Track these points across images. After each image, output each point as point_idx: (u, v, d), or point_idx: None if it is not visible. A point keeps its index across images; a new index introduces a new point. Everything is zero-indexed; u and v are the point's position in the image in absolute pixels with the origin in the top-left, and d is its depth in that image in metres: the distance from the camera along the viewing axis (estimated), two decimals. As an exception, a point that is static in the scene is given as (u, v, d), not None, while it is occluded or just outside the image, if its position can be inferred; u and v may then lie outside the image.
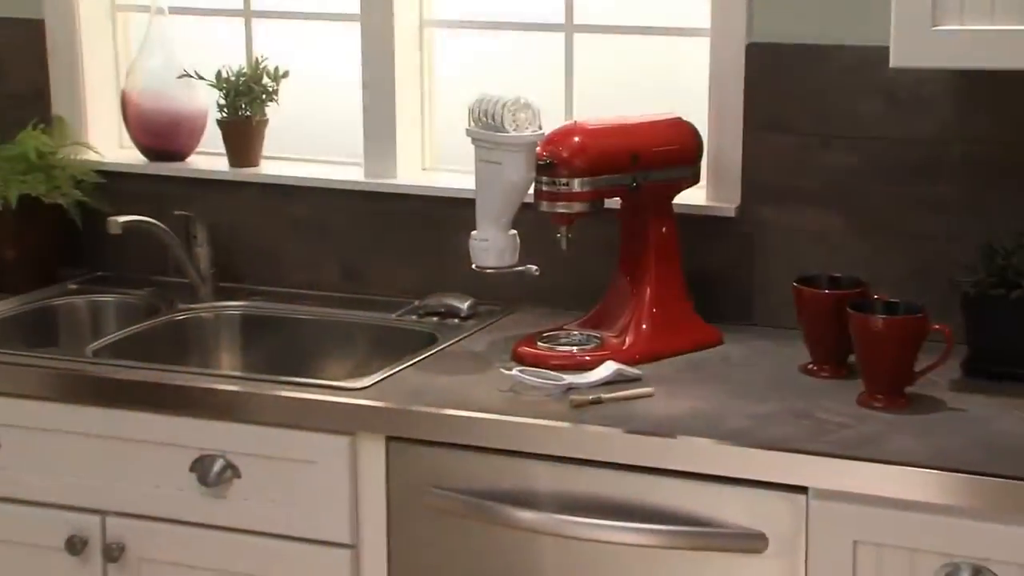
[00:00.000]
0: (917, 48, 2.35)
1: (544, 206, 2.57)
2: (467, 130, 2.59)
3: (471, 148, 2.63)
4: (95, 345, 2.79)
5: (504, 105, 2.51)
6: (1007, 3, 2.29)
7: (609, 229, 2.71)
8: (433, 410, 2.38)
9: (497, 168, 2.54)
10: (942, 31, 2.32)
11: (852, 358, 2.46)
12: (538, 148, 2.54)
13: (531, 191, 2.60)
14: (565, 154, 2.52)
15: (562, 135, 2.56)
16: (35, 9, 3.22)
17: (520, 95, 2.55)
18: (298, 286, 3.10)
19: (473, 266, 2.64)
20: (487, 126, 2.55)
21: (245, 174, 3.12)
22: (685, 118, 2.70)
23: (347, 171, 3.09)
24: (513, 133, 2.52)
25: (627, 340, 2.60)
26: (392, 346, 2.73)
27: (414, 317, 2.88)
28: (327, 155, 3.16)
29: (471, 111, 2.58)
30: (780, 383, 2.48)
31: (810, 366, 2.53)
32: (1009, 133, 2.62)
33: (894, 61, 2.36)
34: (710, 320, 2.72)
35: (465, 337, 2.75)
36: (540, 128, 2.56)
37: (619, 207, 2.67)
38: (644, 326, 2.61)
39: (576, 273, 2.83)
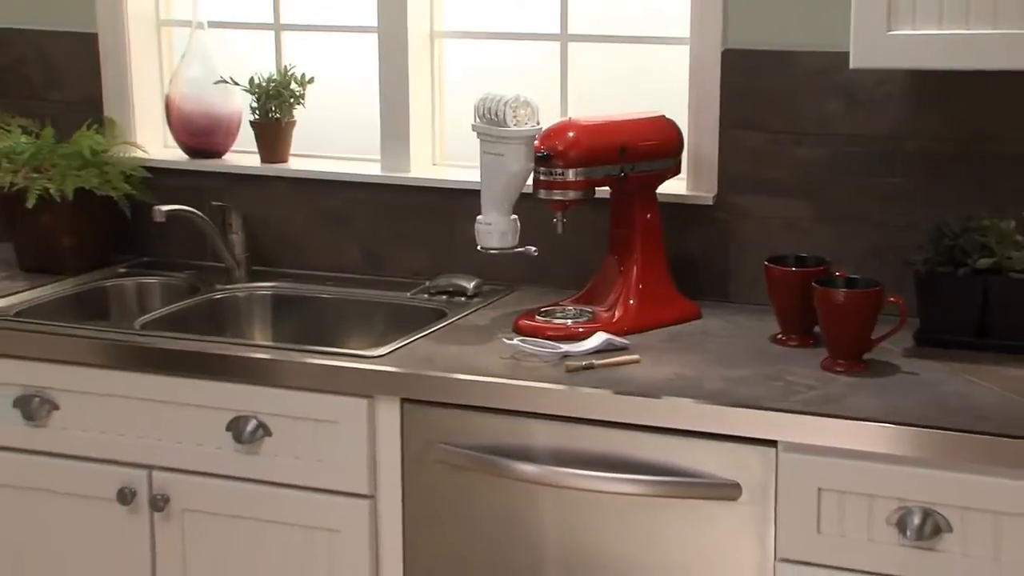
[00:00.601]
0: (874, 51, 2.36)
1: (542, 194, 2.57)
2: (473, 126, 2.60)
3: (476, 145, 2.65)
4: (142, 320, 2.80)
5: (506, 103, 2.53)
6: (954, 11, 2.30)
7: (600, 215, 2.72)
8: (442, 375, 2.40)
9: (500, 159, 2.56)
10: (896, 35, 2.33)
11: (817, 329, 2.47)
12: (536, 142, 2.54)
13: (530, 181, 2.60)
14: (560, 147, 2.52)
15: (558, 130, 2.56)
16: (89, 24, 3.22)
17: (520, 94, 2.56)
18: (322, 269, 3.11)
19: (479, 247, 2.66)
20: (491, 122, 2.56)
21: (275, 169, 3.13)
22: (668, 116, 2.70)
23: (366, 166, 3.09)
24: (514, 128, 2.54)
25: (616, 314, 2.61)
26: (406, 321, 2.74)
27: (425, 296, 2.88)
28: (348, 152, 3.16)
29: (476, 108, 2.59)
30: (753, 351, 2.49)
31: (779, 336, 2.55)
32: (957, 130, 2.63)
33: (854, 63, 2.38)
34: (690, 297, 2.73)
35: (471, 313, 2.76)
36: (538, 123, 2.57)
37: (609, 195, 2.67)
38: (631, 301, 2.62)
39: (570, 255, 2.84)
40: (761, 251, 2.62)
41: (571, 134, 2.55)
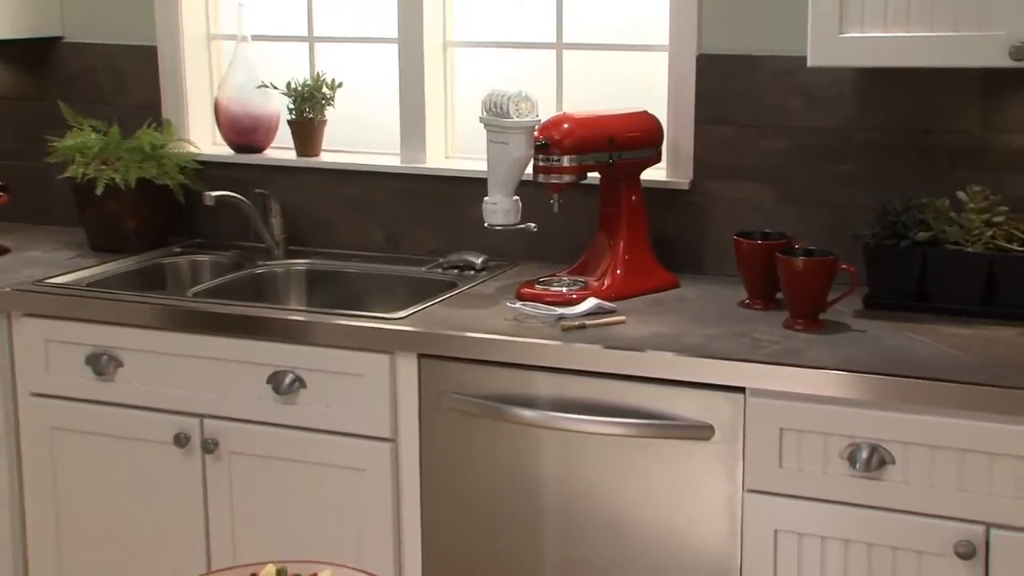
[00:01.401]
0: (828, 51, 2.38)
1: (540, 178, 2.57)
2: (480, 118, 2.61)
3: (483, 139, 2.65)
4: (194, 289, 2.82)
5: (509, 97, 2.54)
6: (897, 16, 2.32)
7: (590, 199, 2.72)
8: (454, 333, 2.41)
9: (504, 147, 2.57)
10: (847, 37, 2.35)
11: (779, 295, 2.48)
12: (536, 132, 2.55)
13: (530, 168, 2.61)
14: (557, 137, 2.53)
15: (554, 122, 2.57)
16: (150, 38, 3.23)
17: (522, 89, 2.57)
18: (349, 248, 3.11)
19: (486, 224, 2.66)
20: (496, 114, 2.57)
21: (309, 162, 3.13)
22: (650, 112, 2.71)
23: (387, 159, 3.09)
24: (516, 119, 2.55)
25: (605, 282, 2.61)
26: (422, 291, 2.73)
27: (439, 270, 2.89)
28: (372, 147, 3.16)
29: (484, 103, 2.60)
30: (724, 314, 2.50)
31: (746, 301, 2.55)
32: (899, 123, 2.64)
33: (811, 61, 2.40)
34: (669, 269, 2.72)
35: (479, 284, 2.76)
36: (537, 116, 2.58)
37: (599, 181, 2.67)
38: (618, 272, 2.62)
39: (565, 234, 2.84)
40: (731, 229, 2.61)
41: (566, 125, 2.55)
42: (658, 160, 2.72)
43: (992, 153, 2.58)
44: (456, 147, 3.11)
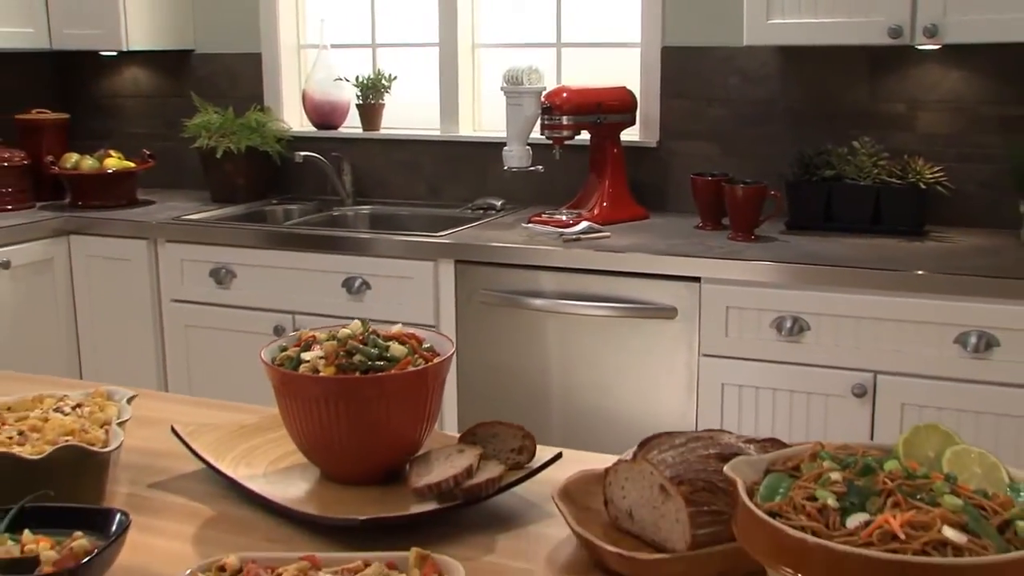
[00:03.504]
0: (758, 33, 2.34)
1: (546, 133, 2.53)
2: (501, 87, 2.54)
3: (502, 117, 2.58)
4: (287, 223, 2.79)
5: (522, 70, 2.48)
6: (807, 5, 2.27)
7: (582, 155, 2.67)
8: (483, 243, 2.37)
9: (519, 107, 2.51)
10: (773, 23, 2.31)
11: (725, 220, 2.43)
12: (542, 98, 2.51)
13: (537, 129, 2.55)
14: (558, 102, 2.50)
15: (556, 92, 2.53)
16: (255, 48, 3.18)
17: (532, 64, 2.51)
18: (401, 198, 3.06)
19: (505, 168, 2.59)
20: (513, 83, 2.51)
21: (371, 134, 3.07)
22: (628, 87, 2.65)
23: (430, 132, 3.04)
24: (528, 86, 2.49)
25: (595, 211, 2.55)
26: (457, 224, 2.66)
27: (469, 211, 2.84)
28: (418, 124, 3.10)
29: (504, 75, 2.53)
30: (683, 232, 2.45)
31: (700, 224, 2.50)
32: (811, 94, 2.59)
33: (746, 40, 2.35)
34: (641, 205, 2.67)
35: (499, 218, 2.72)
36: (543, 85, 2.53)
37: (589, 139, 2.62)
38: (604, 203, 2.57)
39: (564, 184, 2.78)
40: (688, 176, 2.57)
41: (565, 94, 2.51)
42: (633, 123, 2.66)
43: (876, 116, 2.53)
44: (481, 122, 3.05)
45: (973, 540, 0.73)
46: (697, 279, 2.18)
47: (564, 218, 2.53)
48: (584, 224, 2.43)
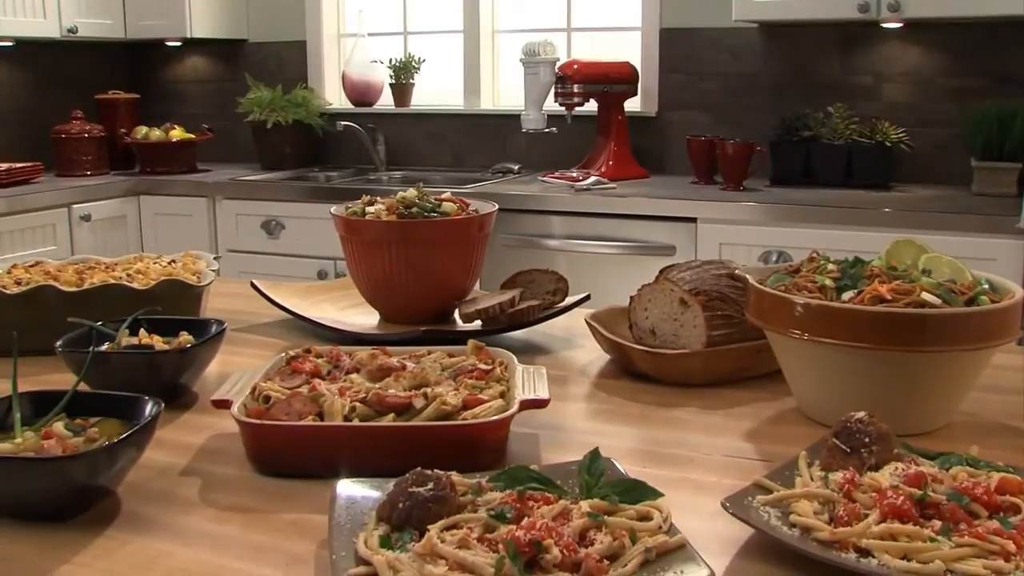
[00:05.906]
0: (745, 10, 2.36)
1: (559, 100, 2.56)
2: (520, 59, 2.57)
3: (519, 89, 2.60)
4: (329, 183, 2.83)
5: (538, 43, 2.51)
6: (793, -18, 2.32)
7: (590, 123, 2.69)
8: (504, 192, 2.40)
9: (535, 76, 2.54)
10: (758, 0, 2.34)
11: (717, 177, 2.46)
12: (556, 69, 2.53)
13: (551, 99, 2.57)
14: (570, 73, 2.53)
15: (569, 64, 2.56)
16: (301, 36, 3.21)
17: (546, 38, 2.54)
18: (429, 165, 3.08)
19: (523, 130, 2.62)
20: (530, 55, 2.54)
21: (403, 109, 3.10)
22: (631, 63, 2.68)
23: (454, 107, 3.05)
24: (543, 56, 2.52)
25: (602, 169, 2.58)
26: (480, 183, 2.70)
27: (490, 173, 2.85)
28: (445, 101, 3.11)
29: (522, 48, 2.56)
30: (680, 186, 2.47)
31: (695, 180, 2.53)
32: (790, 68, 2.61)
33: (735, 16, 2.38)
34: (642, 166, 2.69)
35: (518, 178, 2.72)
36: (556, 56, 2.55)
37: (596, 108, 2.64)
38: (610, 162, 2.60)
39: (574, 143, 2.78)
40: (683, 142, 2.59)
41: (576, 66, 2.55)
42: (636, 94, 2.69)
43: (847, 87, 2.56)
44: (499, 97, 3.07)
45: (946, 306, 0.77)
46: (694, 219, 2.21)
47: (575, 174, 2.57)
48: (593, 178, 2.46)
